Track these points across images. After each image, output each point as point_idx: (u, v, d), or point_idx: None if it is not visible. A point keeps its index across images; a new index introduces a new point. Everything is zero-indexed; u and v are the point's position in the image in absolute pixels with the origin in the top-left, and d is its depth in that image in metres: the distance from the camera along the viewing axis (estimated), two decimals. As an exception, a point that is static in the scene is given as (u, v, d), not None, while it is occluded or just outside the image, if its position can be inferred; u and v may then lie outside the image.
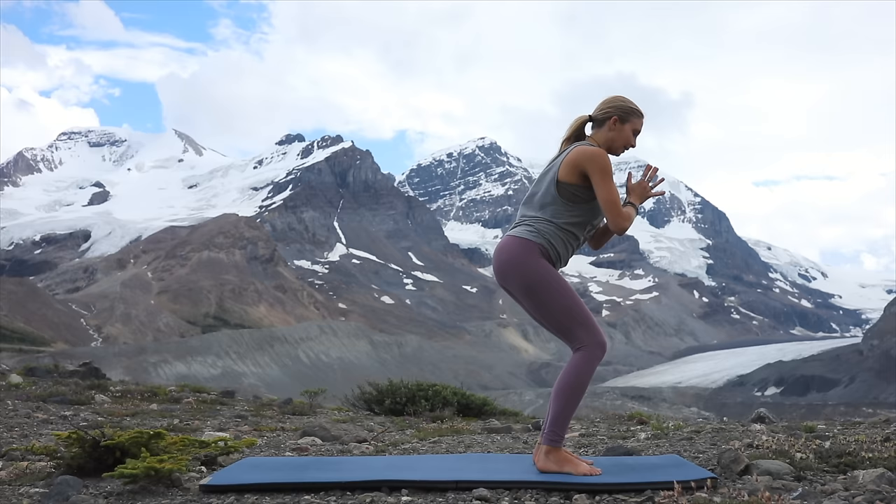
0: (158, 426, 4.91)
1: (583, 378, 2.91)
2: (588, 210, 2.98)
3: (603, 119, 3.05)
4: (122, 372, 71.35)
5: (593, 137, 3.08)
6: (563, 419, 2.90)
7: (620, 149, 3.06)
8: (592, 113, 3.10)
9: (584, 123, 3.10)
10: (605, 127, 3.05)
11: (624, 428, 5.48)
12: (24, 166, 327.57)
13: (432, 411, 6.89)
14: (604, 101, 3.09)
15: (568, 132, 3.10)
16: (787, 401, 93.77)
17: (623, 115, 3.04)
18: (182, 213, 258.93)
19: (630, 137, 3.06)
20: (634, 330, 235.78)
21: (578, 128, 3.10)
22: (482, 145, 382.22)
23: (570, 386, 2.89)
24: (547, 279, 2.92)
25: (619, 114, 3.03)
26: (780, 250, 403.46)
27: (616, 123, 3.03)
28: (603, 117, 3.05)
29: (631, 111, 3.05)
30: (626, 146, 3.07)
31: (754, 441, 3.70)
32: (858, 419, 6.02)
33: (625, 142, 3.06)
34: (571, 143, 3.07)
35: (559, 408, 2.89)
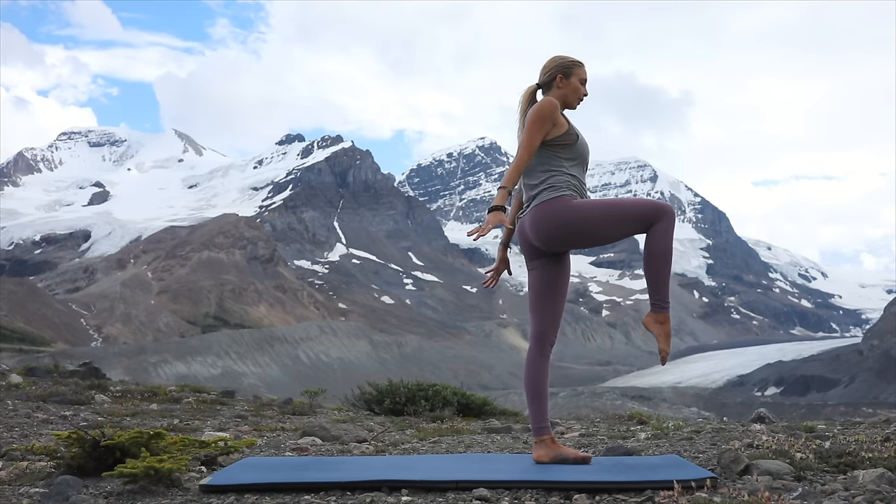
0: (158, 426, 4.91)
1: (538, 372, 3.18)
2: (576, 150, 3.15)
3: (549, 81, 3.19)
4: (122, 372, 71.35)
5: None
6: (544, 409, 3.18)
7: (575, 102, 3.21)
8: (538, 80, 3.24)
9: (534, 92, 3.26)
10: (554, 87, 3.19)
11: (624, 428, 5.48)
12: (24, 166, 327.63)
13: (432, 411, 6.89)
14: (543, 65, 3.24)
15: (522, 105, 3.24)
16: (787, 401, 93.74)
17: (566, 70, 3.18)
18: (182, 213, 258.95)
19: (579, 88, 3.20)
20: (634, 330, 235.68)
21: (530, 97, 3.24)
22: (482, 145, 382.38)
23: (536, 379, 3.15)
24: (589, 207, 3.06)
25: (562, 70, 3.18)
26: (780, 250, 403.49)
27: (562, 80, 3.18)
28: (548, 79, 3.20)
29: (571, 63, 3.19)
30: (579, 97, 3.21)
31: (754, 441, 3.70)
32: (858, 419, 6.02)
33: (576, 93, 3.19)
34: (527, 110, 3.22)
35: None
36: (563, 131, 3.10)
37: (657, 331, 3.05)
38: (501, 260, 3.40)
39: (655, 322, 3.06)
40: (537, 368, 3.18)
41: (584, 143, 3.18)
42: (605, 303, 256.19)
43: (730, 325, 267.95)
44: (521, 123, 3.18)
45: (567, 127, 3.12)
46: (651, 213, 3.00)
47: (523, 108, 3.22)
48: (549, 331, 3.21)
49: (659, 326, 3.04)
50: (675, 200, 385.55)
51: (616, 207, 3.04)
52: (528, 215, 3.13)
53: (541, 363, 3.18)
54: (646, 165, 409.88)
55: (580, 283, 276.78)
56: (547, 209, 3.06)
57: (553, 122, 3.08)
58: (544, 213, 3.07)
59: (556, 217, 3.04)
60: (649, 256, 3.04)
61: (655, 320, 3.06)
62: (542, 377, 3.18)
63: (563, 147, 3.11)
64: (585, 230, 3.04)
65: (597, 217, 3.02)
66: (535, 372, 3.18)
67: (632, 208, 3.02)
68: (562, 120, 3.12)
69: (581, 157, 3.16)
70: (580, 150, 3.15)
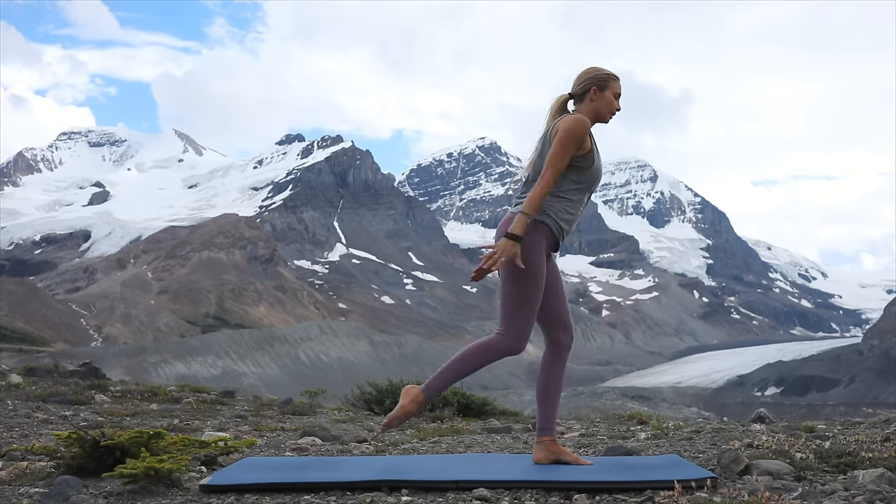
0: (158, 426, 4.91)
1: (481, 358, 3.07)
2: (588, 175, 3.06)
3: (583, 93, 3.10)
4: (122, 372, 71.33)
5: (579, 112, 3.12)
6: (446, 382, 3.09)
7: (608, 115, 3.12)
8: (571, 90, 3.15)
9: (566, 102, 3.16)
10: (587, 99, 3.10)
11: (624, 428, 5.48)
12: (24, 166, 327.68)
13: (432, 411, 6.89)
14: (578, 76, 3.15)
15: (552, 112, 3.15)
16: (787, 401, 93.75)
17: (600, 83, 3.09)
18: (182, 213, 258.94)
19: (613, 102, 3.11)
20: (634, 330, 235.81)
21: (561, 106, 3.15)
22: (482, 145, 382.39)
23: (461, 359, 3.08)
24: (526, 263, 2.97)
25: (597, 83, 3.09)
26: (780, 250, 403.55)
27: (596, 93, 3.09)
28: (582, 91, 3.10)
29: (607, 77, 3.11)
30: (612, 111, 3.13)
31: (754, 441, 3.70)
32: (858, 419, 6.02)
33: (609, 108, 3.11)
34: (558, 116, 3.13)
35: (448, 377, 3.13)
36: (584, 153, 3.01)
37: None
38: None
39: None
40: (544, 369, 3.17)
41: (599, 167, 3.09)
42: (605, 303, 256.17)
43: (730, 325, 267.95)
44: (547, 133, 3.08)
45: (589, 149, 3.02)
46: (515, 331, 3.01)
47: (552, 116, 3.12)
48: (552, 332, 3.16)
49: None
50: (675, 200, 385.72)
51: (530, 292, 2.98)
52: (506, 217, 3.06)
53: (550, 365, 3.16)
54: (646, 165, 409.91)
55: (580, 283, 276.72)
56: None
57: (581, 144, 3.00)
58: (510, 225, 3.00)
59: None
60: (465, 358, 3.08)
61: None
62: (550, 379, 3.16)
63: (576, 169, 3.02)
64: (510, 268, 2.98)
65: (525, 274, 2.96)
66: (543, 373, 3.18)
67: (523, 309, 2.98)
68: (587, 140, 3.01)
69: (591, 182, 3.08)
70: (593, 174, 3.06)
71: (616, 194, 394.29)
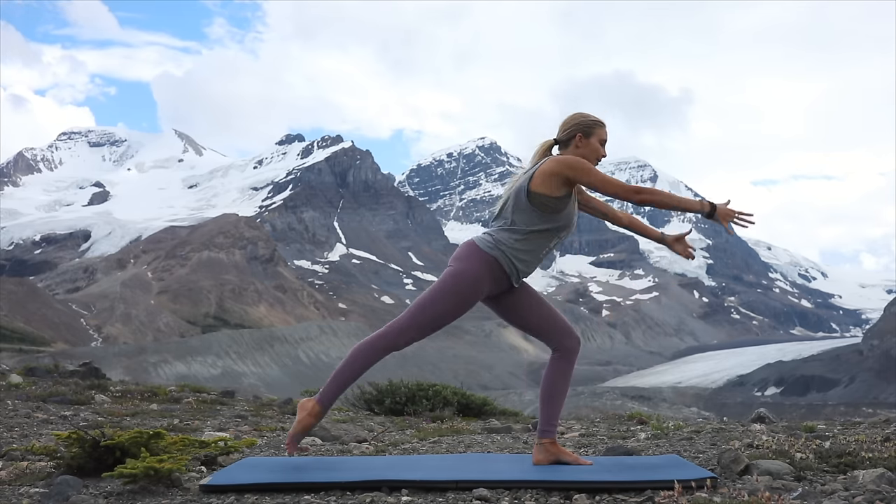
0: (158, 426, 4.91)
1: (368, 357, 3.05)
2: (557, 218, 3.02)
3: (568, 139, 3.07)
4: (122, 372, 71.32)
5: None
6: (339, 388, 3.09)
7: (594, 162, 3.08)
8: (556, 136, 3.12)
9: (551, 147, 3.13)
10: (572, 146, 3.07)
11: (624, 428, 5.47)
12: (24, 166, 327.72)
13: (432, 411, 6.89)
14: (564, 121, 3.12)
15: (536, 157, 3.11)
16: (787, 401, 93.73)
17: (586, 129, 3.06)
18: (182, 213, 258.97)
19: (599, 149, 3.08)
20: (634, 330, 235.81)
21: (546, 151, 3.12)
22: (482, 145, 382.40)
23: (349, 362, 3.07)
24: (450, 285, 3.00)
25: (583, 129, 3.06)
26: (780, 250, 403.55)
27: (582, 140, 3.06)
28: (568, 137, 3.07)
29: (593, 123, 3.08)
30: (598, 158, 3.09)
31: (754, 441, 3.70)
32: (858, 419, 6.02)
33: (595, 154, 3.07)
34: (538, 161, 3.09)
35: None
36: (560, 195, 2.97)
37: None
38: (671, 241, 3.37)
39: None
40: (551, 371, 3.16)
41: (571, 216, 3.06)
42: (605, 303, 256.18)
43: (730, 325, 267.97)
44: (531, 168, 3.06)
45: (565, 193, 2.99)
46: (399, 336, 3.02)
47: (535, 160, 3.10)
48: (556, 340, 3.17)
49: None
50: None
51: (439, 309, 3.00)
52: (465, 242, 3.09)
53: (557, 366, 3.16)
54: (646, 165, 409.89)
55: (580, 283, 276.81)
56: (470, 251, 3.03)
57: (572, 181, 2.97)
58: (464, 252, 3.04)
59: (460, 263, 3.01)
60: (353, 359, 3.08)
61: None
62: (557, 381, 3.14)
63: (548, 208, 2.97)
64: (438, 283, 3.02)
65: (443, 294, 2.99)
66: (549, 374, 3.17)
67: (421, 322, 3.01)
68: (564, 186, 2.98)
69: (559, 226, 3.04)
70: (562, 219, 3.02)
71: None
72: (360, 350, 3.07)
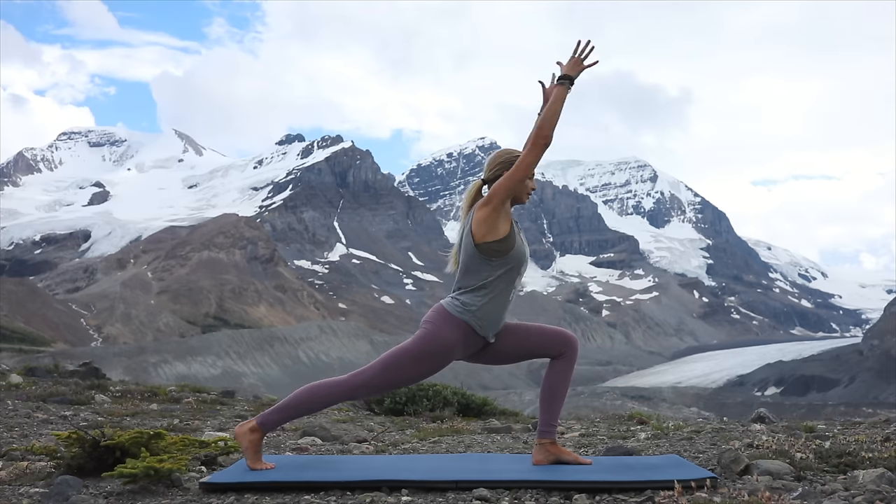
0: (158, 426, 4.91)
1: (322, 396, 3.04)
2: (509, 258, 3.01)
3: (496, 177, 3.07)
4: (122, 372, 71.33)
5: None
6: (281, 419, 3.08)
7: (525, 196, 3.08)
8: (484, 176, 3.14)
9: (480, 188, 3.15)
10: None
11: (624, 428, 5.47)
12: (24, 166, 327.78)
13: (432, 411, 6.89)
14: (489, 161, 3.14)
15: (467, 200, 3.13)
16: (787, 401, 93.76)
17: (511, 165, 3.06)
18: (182, 213, 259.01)
19: (527, 183, 3.07)
20: (634, 330, 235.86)
21: (476, 193, 3.13)
22: (482, 145, 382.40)
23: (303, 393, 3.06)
24: (421, 350, 2.99)
25: (509, 166, 3.06)
26: (780, 250, 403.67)
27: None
28: (495, 176, 3.08)
29: (517, 158, 3.08)
30: (528, 192, 3.09)
31: (754, 441, 3.70)
32: (858, 419, 6.02)
33: (524, 189, 3.07)
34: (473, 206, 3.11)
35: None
36: (502, 237, 2.97)
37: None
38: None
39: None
40: (552, 371, 3.16)
41: (522, 250, 3.04)
42: (605, 303, 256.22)
43: (730, 325, 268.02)
44: (467, 221, 3.07)
45: (508, 231, 2.99)
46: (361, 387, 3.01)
47: (468, 204, 3.12)
48: (555, 350, 3.18)
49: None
50: (675, 200, 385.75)
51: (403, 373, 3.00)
52: (435, 307, 3.09)
53: (558, 366, 3.16)
54: (646, 165, 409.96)
55: (580, 283, 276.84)
56: (440, 316, 3.02)
57: (504, 212, 2.98)
58: (434, 316, 3.03)
59: (432, 326, 3.00)
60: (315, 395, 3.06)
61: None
62: (557, 381, 3.14)
63: (497, 254, 2.97)
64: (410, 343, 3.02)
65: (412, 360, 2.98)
66: (550, 374, 3.17)
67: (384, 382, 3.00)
68: (502, 225, 2.98)
69: (515, 264, 3.01)
70: (515, 257, 3.01)
71: (616, 194, 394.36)
72: (313, 391, 3.05)
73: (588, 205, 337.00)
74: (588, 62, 3.10)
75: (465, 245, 3.04)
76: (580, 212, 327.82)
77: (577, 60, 3.08)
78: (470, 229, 3.01)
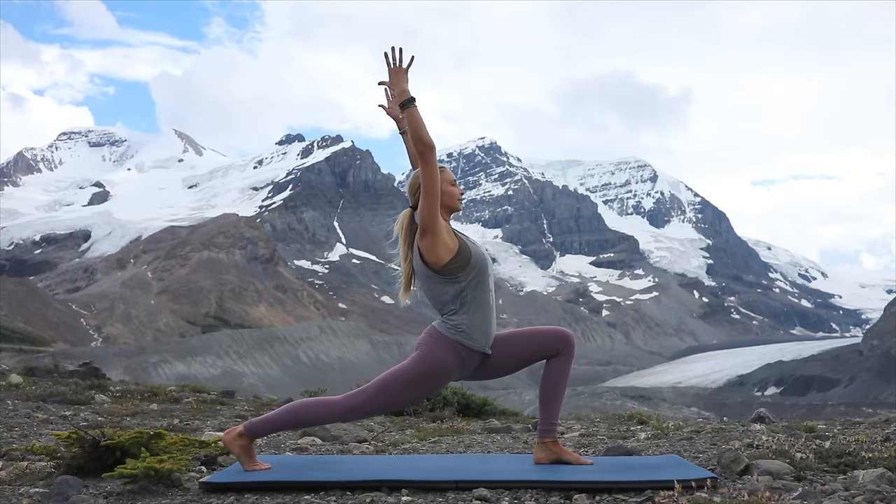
0: (158, 426, 4.91)
1: (313, 413, 3.02)
2: (473, 264, 3.00)
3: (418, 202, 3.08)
4: (122, 372, 71.32)
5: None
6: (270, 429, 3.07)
7: (457, 203, 3.12)
8: (411, 202, 3.15)
9: (411, 214, 3.14)
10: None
11: (624, 428, 5.47)
12: (24, 166, 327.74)
13: (432, 411, 6.89)
14: (409, 186, 3.16)
15: (402, 231, 3.12)
16: (787, 401, 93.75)
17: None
18: (182, 213, 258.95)
19: (453, 191, 3.09)
20: (634, 330, 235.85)
21: (409, 221, 3.12)
22: (482, 145, 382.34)
23: (293, 408, 3.04)
24: (417, 373, 2.98)
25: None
26: (780, 250, 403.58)
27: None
28: (418, 198, 3.07)
29: None
30: (458, 197, 3.12)
31: (754, 441, 3.71)
32: (858, 419, 6.02)
33: (452, 197, 3.09)
34: (411, 236, 3.09)
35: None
36: (455, 251, 2.97)
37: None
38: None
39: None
40: (550, 370, 3.16)
41: (477, 251, 3.04)
42: (605, 303, 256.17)
43: (730, 325, 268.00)
44: (406, 250, 3.09)
45: (458, 245, 2.99)
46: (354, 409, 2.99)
47: (405, 233, 3.11)
48: (552, 350, 3.17)
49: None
50: (675, 200, 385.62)
51: (400, 393, 2.98)
52: (427, 330, 3.08)
53: (556, 365, 3.16)
54: (646, 165, 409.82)
55: (580, 283, 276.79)
56: (433, 338, 3.01)
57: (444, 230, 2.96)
58: (428, 339, 3.03)
59: (427, 349, 2.99)
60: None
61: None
62: (556, 379, 3.14)
63: (459, 268, 2.97)
64: (409, 364, 3.01)
65: (409, 381, 2.97)
66: (548, 373, 3.16)
67: (382, 402, 2.98)
68: (449, 241, 2.97)
69: (479, 268, 3.01)
70: (477, 261, 3.01)
71: (616, 194, 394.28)
72: (305, 408, 3.04)
73: (588, 205, 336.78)
74: (406, 64, 3.13)
75: (425, 278, 3.03)
76: (580, 212, 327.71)
77: (400, 70, 3.11)
78: (422, 262, 2.99)
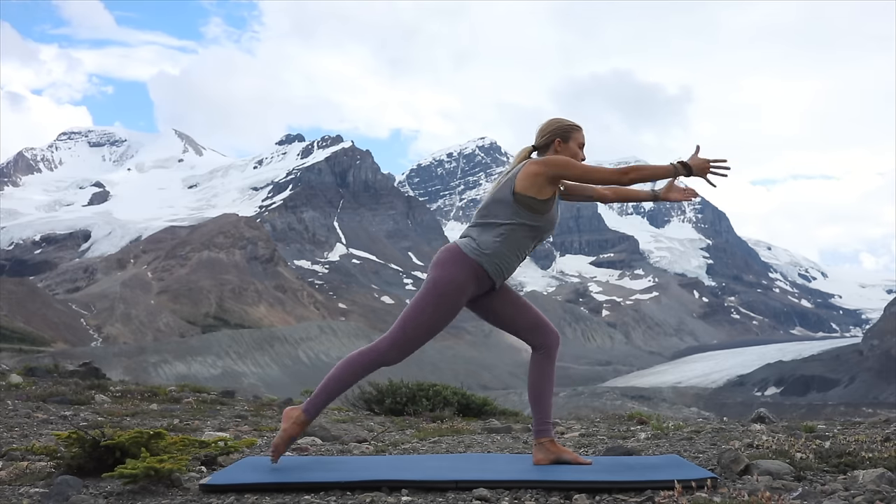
0: (158, 426, 4.91)
1: (358, 371, 3.05)
2: (541, 220, 3.01)
3: (546, 144, 3.10)
4: (122, 372, 71.31)
5: None
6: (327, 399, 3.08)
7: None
8: (535, 142, 3.14)
9: (530, 153, 3.14)
10: (551, 151, 3.09)
11: (624, 428, 5.47)
12: (24, 166, 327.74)
13: (432, 411, 6.89)
14: (541, 127, 3.14)
15: (516, 161, 3.12)
16: (787, 401, 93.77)
17: (564, 134, 3.09)
18: (182, 213, 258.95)
19: (578, 152, 3.10)
20: (634, 330, 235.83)
21: (525, 158, 3.12)
22: (482, 145, 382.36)
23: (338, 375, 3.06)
24: (436, 293, 2.98)
25: (561, 134, 3.09)
26: (780, 250, 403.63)
27: (560, 144, 3.09)
28: (546, 143, 3.10)
29: (570, 127, 3.11)
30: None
31: (754, 441, 3.70)
32: (858, 419, 6.02)
33: (574, 158, 3.09)
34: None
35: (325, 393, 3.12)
36: (544, 198, 2.97)
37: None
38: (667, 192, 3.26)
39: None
40: (535, 371, 3.17)
41: (553, 218, 3.05)
42: (605, 303, 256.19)
43: (730, 325, 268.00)
44: (513, 171, 3.05)
45: (549, 196, 2.99)
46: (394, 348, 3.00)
47: (516, 163, 3.10)
48: (534, 338, 3.17)
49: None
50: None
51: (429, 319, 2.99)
52: (443, 248, 3.07)
53: (540, 365, 3.16)
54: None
55: (580, 283, 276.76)
56: (453, 256, 3.00)
57: (556, 178, 2.98)
58: (446, 257, 3.01)
59: (443, 269, 2.98)
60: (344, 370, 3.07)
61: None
62: (542, 379, 3.15)
63: (532, 210, 2.97)
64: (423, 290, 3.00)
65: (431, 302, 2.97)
66: (533, 374, 3.17)
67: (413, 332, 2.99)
68: (547, 189, 2.97)
69: (543, 228, 3.02)
70: (546, 221, 3.01)
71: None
72: (350, 362, 3.06)
73: (588, 205, 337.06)
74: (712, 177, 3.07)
75: (499, 195, 3.02)
76: (580, 212, 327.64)
77: (706, 163, 3.05)
78: (514, 177, 2.99)
